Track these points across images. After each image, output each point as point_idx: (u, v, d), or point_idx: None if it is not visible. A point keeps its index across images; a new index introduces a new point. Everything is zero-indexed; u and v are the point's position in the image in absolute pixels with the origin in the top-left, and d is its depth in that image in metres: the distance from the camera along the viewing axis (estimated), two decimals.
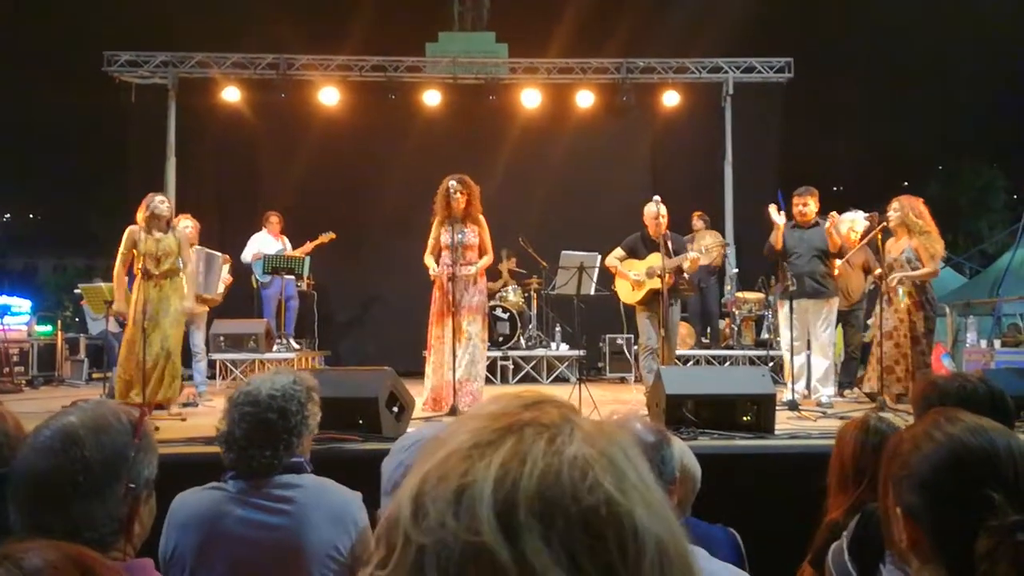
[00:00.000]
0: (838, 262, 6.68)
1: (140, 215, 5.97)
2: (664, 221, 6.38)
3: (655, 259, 6.37)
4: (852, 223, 7.39)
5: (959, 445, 1.22)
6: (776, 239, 6.67)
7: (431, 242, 6.11)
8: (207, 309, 7.37)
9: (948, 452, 1.22)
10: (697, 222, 9.71)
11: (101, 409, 1.51)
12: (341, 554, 2.19)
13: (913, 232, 6.15)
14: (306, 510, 2.18)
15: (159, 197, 6.03)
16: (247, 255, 9.30)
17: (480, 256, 6.08)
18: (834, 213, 6.59)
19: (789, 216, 6.76)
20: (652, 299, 6.45)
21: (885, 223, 6.28)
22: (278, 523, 2.16)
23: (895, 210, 6.24)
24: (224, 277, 7.61)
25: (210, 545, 2.11)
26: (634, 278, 6.52)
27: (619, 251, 6.66)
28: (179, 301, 5.95)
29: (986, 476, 1.18)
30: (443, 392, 5.86)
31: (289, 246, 9.40)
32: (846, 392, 7.41)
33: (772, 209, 6.70)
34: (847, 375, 7.65)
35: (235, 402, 2.24)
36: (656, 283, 6.40)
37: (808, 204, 6.67)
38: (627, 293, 6.64)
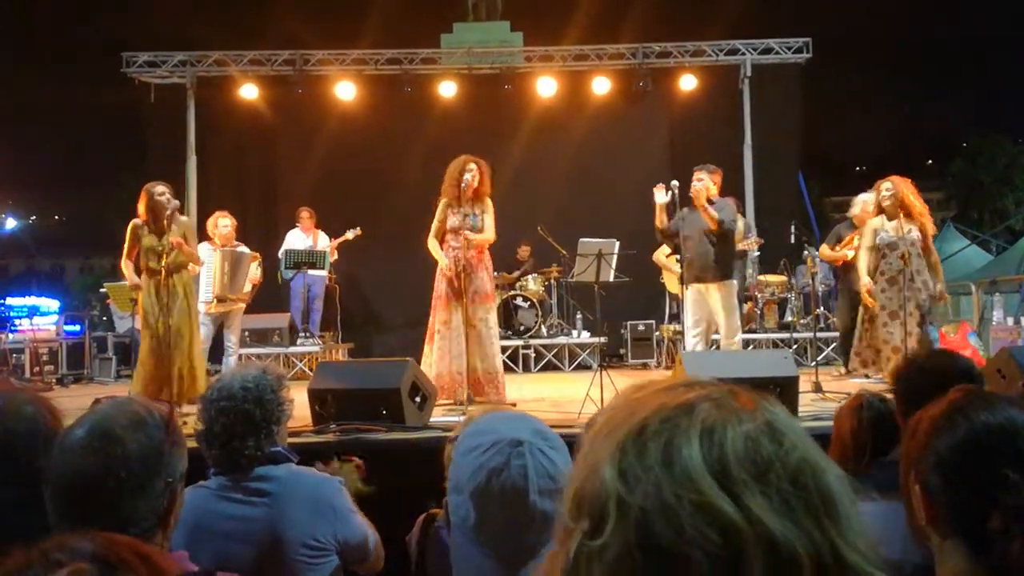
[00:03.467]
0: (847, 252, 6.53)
1: (141, 207, 5.66)
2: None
3: None
4: (865, 204, 7.27)
5: (978, 423, 1.23)
6: (658, 219, 6.35)
7: (436, 225, 5.96)
8: (241, 308, 7.33)
9: (966, 431, 1.23)
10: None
11: (132, 406, 1.54)
12: (320, 541, 2.24)
13: (914, 213, 5.97)
14: (283, 500, 2.24)
15: (159, 188, 5.69)
16: (281, 252, 9.41)
17: (484, 241, 5.94)
18: (706, 189, 6.25)
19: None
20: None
21: (879, 201, 6.12)
22: (256, 515, 2.22)
23: (887, 189, 6.03)
24: (252, 276, 7.61)
25: (196, 543, 2.17)
26: (676, 270, 6.55)
27: (665, 247, 6.67)
28: (189, 296, 5.72)
29: (1003, 454, 1.18)
30: (448, 381, 5.69)
31: (325, 239, 9.45)
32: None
33: (657, 189, 6.36)
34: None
35: (209, 399, 2.29)
36: None
37: (701, 181, 6.29)
38: (674, 283, 6.68)
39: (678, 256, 6.22)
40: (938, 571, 1.25)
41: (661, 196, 6.31)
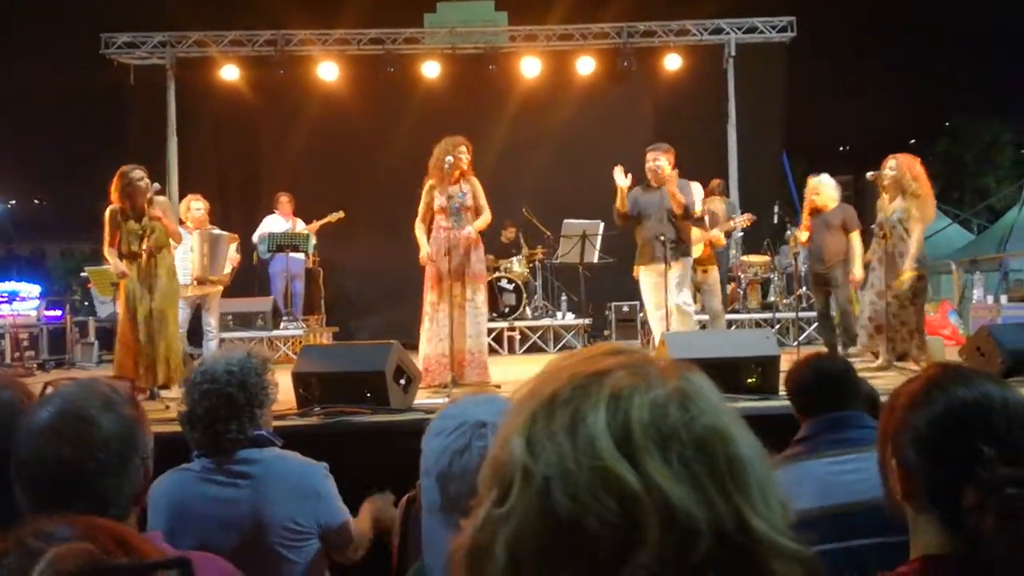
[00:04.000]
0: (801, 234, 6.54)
1: (115, 192, 5.49)
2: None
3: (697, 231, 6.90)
4: (817, 186, 7.29)
5: (954, 398, 1.23)
6: (620, 202, 6.30)
7: (422, 208, 5.88)
8: (219, 290, 7.29)
9: (942, 406, 1.23)
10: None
11: (99, 386, 1.52)
12: (301, 524, 2.26)
13: (907, 193, 5.95)
14: (264, 483, 2.24)
15: (136, 173, 5.52)
16: (256, 236, 9.35)
17: (476, 215, 5.89)
18: (674, 172, 6.25)
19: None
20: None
21: (875, 179, 6.12)
22: (237, 496, 2.22)
23: (891, 168, 5.99)
24: (232, 256, 7.57)
25: (178, 526, 2.17)
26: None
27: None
28: (170, 279, 5.63)
29: (978, 429, 1.19)
30: (434, 364, 5.65)
31: (302, 226, 9.41)
32: (851, 350, 7.39)
33: (617, 171, 6.29)
34: (845, 334, 7.62)
35: (193, 382, 2.29)
36: (698, 251, 6.95)
37: (659, 161, 6.27)
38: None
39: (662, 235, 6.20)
40: (912, 544, 1.27)
41: (622, 179, 6.25)
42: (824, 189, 7.13)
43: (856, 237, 6.74)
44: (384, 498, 2.78)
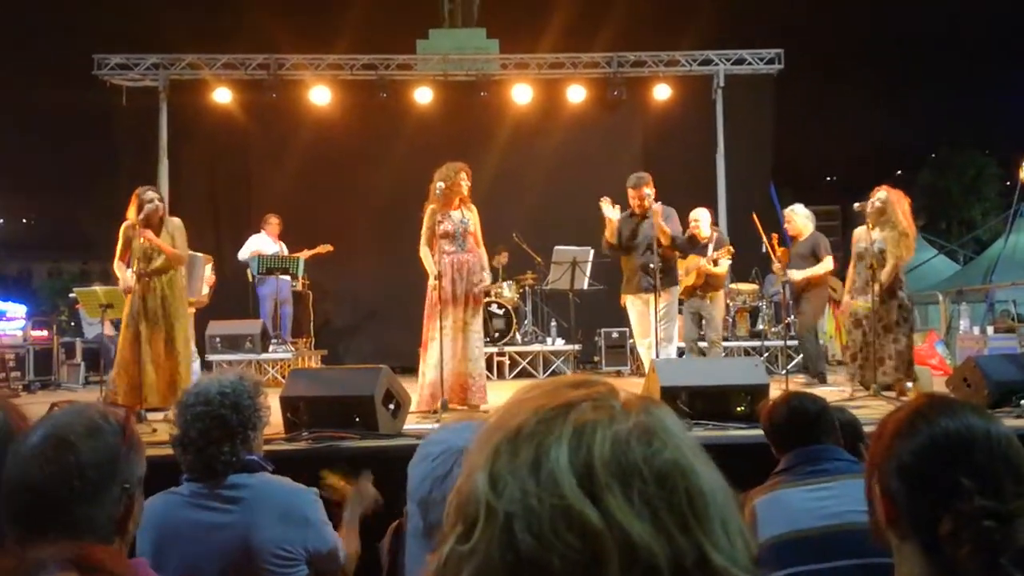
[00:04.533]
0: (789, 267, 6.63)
1: (131, 212, 5.60)
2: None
3: (691, 259, 7.20)
4: (791, 213, 7.46)
5: (937, 429, 1.25)
6: (610, 233, 6.41)
7: (426, 233, 5.87)
8: (193, 311, 7.26)
9: (926, 437, 1.25)
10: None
11: (89, 412, 1.51)
12: (289, 551, 2.24)
13: (891, 226, 5.92)
14: (253, 509, 2.23)
15: (149, 194, 5.63)
16: (244, 253, 9.34)
17: (476, 244, 5.93)
18: (658, 203, 6.31)
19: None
20: (691, 294, 7.32)
21: (862, 208, 6.07)
22: (225, 522, 2.21)
23: (880, 200, 6.00)
24: (207, 277, 7.55)
25: (164, 549, 2.15)
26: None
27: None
28: (178, 299, 5.68)
29: (960, 461, 1.20)
30: (438, 388, 5.61)
31: (286, 250, 9.41)
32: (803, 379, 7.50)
33: (605, 203, 6.39)
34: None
35: (185, 404, 2.29)
36: (690, 280, 7.19)
37: (646, 191, 6.37)
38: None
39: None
40: (896, 572, 1.28)
41: (611, 211, 6.35)
42: (796, 218, 7.29)
43: (826, 263, 7.01)
44: (364, 477, 2.82)
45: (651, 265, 6.15)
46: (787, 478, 2.36)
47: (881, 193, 6.05)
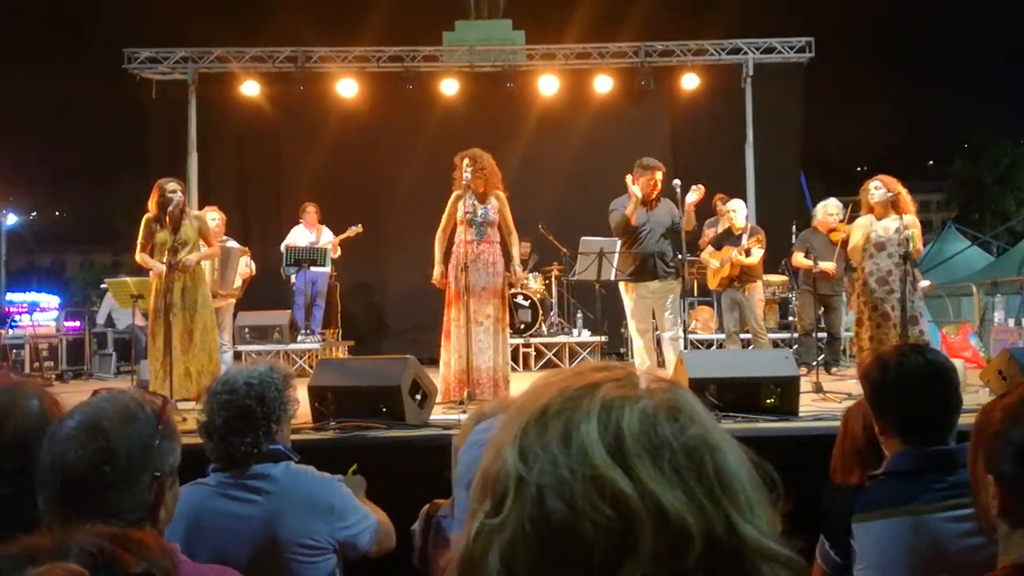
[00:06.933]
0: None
1: (152, 203, 5.67)
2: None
3: (724, 251, 7.37)
4: (825, 208, 7.55)
5: None
6: (632, 211, 6.11)
7: (445, 219, 5.84)
8: (231, 303, 7.31)
9: None
10: (721, 205, 9.62)
11: (125, 399, 1.53)
12: (317, 540, 2.24)
13: (907, 210, 5.81)
14: (279, 500, 2.24)
15: (170, 186, 5.69)
16: (283, 247, 9.42)
17: (502, 235, 5.87)
18: (695, 187, 6.13)
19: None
20: (727, 286, 7.43)
21: (868, 201, 5.95)
22: (251, 513, 2.22)
23: (877, 188, 5.87)
24: (241, 271, 7.60)
25: (194, 539, 2.16)
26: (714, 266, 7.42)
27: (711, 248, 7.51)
28: (200, 290, 5.74)
29: None
30: (456, 380, 5.61)
31: (329, 234, 9.44)
32: (833, 371, 7.46)
33: (630, 179, 6.20)
34: (832, 353, 7.72)
35: (213, 392, 2.30)
36: (725, 271, 7.38)
37: (656, 177, 6.20)
38: (714, 282, 7.59)
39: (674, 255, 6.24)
40: (1001, 559, 1.26)
41: (637, 189, 6.13)
42: (832, 209, 7.36)
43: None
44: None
45: (660, 253, 6.14)
46: (914, 489, 1.77)
47: (875, 182, 5.94)
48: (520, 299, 9.57)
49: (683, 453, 0.64)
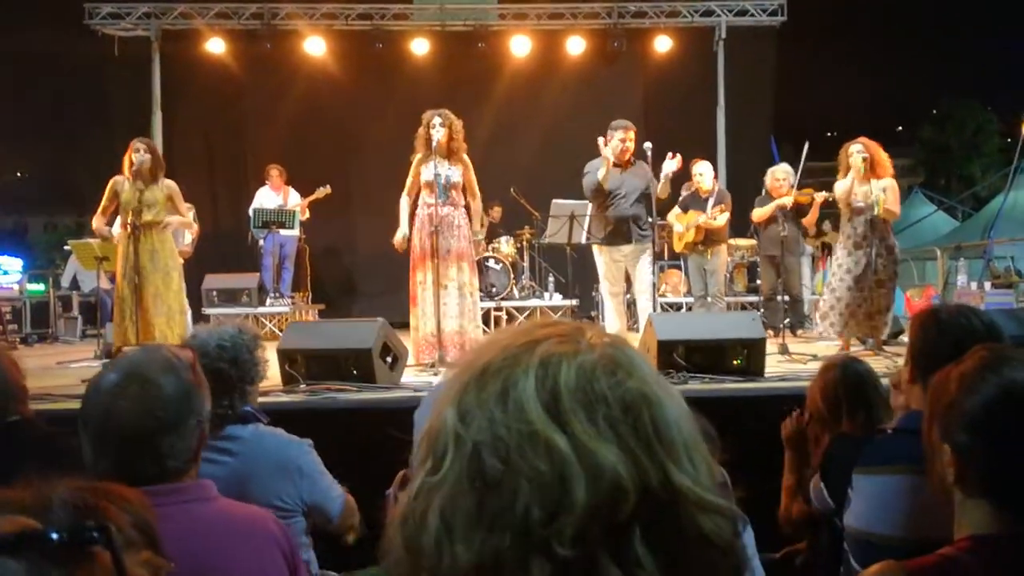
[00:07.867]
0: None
1: (126, 161, 5.63)
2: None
3: (691, 215, 7.52)
4: (773, 173, 7.69)
5: (1009, 382, 1.24)
6: (604, 177, 6.02)
7: (409, 180, 5.80)
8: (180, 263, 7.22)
9: (999, 390, 1.24)
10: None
11: (161, 352, 1.64)
12: (286, 502, 2.25)
13: (886, 172, 5.88)
14: (247, 461, 2.23)
15: (136, 144, 5.66)
16: (251, 211, 9.29)
17: (466, 196, 5.84)
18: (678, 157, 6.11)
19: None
20: (692, 250, 7.54)
21: (847, 162, 5.94)
22: (219, 474, 2.20)
23: (860, 152, 5.86)
24: (187, 223, 7.53)
25: None
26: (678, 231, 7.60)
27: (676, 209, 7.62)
28: (169, 254, 5.71)
29: None
30: (424, 343, 5.60)
31: (296, 196, 9.32)
32: (799, 332, 7.60)
33: (602, 142, 6.12)
34: (796, 316, 7.80)
35: None
36: (690, 236, 7.45)
37: (628, 140, 6.10)
38: (680, 245, 7.72)
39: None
40: (956, 525, 1.27)
41: (609, 152, 6.05)
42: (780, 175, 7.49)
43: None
44: None
45: (634, 216, 6.12)
46: (920, 450, 1.56)
47: (857, 145, 5.93)
48: (491, 262, 9.56)
49: (619, 407, 0.65)
